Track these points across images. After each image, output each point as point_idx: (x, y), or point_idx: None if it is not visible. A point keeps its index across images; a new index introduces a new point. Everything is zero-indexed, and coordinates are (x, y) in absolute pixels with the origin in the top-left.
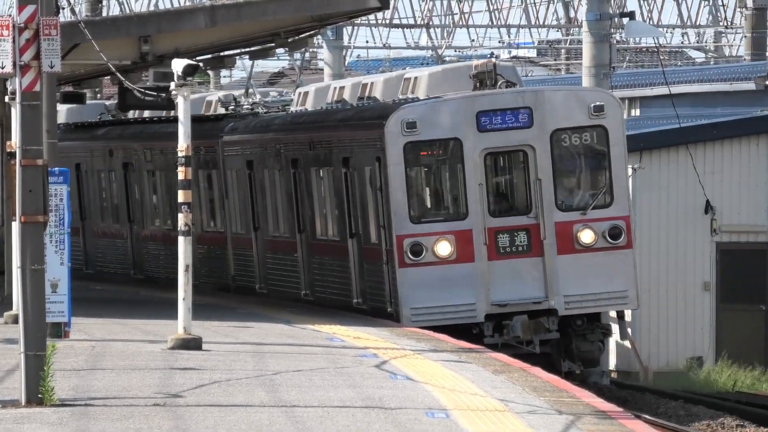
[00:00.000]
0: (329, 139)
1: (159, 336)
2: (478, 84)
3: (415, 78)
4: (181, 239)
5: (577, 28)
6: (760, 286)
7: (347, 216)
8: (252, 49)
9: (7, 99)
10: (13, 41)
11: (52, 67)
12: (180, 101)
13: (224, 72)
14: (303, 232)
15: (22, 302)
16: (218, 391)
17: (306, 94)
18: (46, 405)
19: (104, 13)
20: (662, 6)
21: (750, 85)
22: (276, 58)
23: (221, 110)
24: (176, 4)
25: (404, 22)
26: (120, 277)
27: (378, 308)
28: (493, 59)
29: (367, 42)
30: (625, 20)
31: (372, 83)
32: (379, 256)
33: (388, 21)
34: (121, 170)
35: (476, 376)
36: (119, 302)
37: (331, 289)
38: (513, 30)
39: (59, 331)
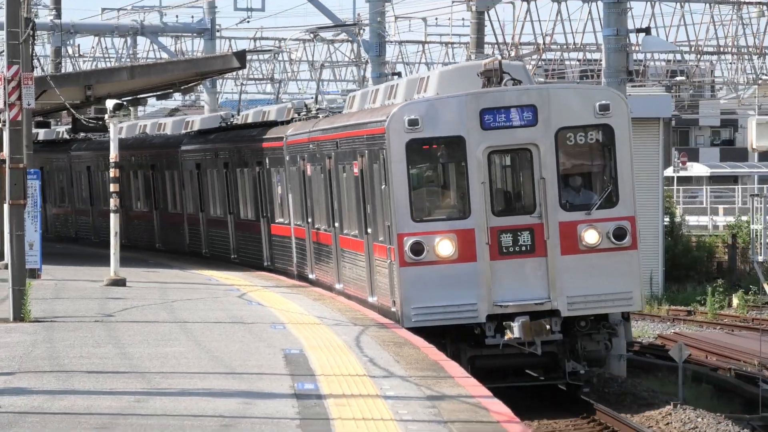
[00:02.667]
0: (349, 138)
1: (99, 277)
2: (485, 82)
3: (427, 77)
4: (112, 216)
5: (367, 83)
6: None
7: (362, 214)
8: (158, 93)
9: (0, 125)
10: (4, 88)
11: (29, 105)
12: (111, 127)
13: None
14: (337, 227)
15: (10, 255)
16: (136, 312)
17: (354, 98)
18: (26, 321)
19: (62, 70)
20: (418, 69)
21: None
22: (173, 99)
23: (294, 115)
24: (109, 65)
25: (256, 76)
26: (224, 256)
27: (386, 306)
28: (499, 57)
29: (232, 89)
30: (395, 77)
31: (396, 85)
32: (385, 254)
33: (245, 75)
34: (223, 169)
35: (302, 302)
36: (84, 256)
37: (354, 285)
38: (325, 83)
39: (34, 273)
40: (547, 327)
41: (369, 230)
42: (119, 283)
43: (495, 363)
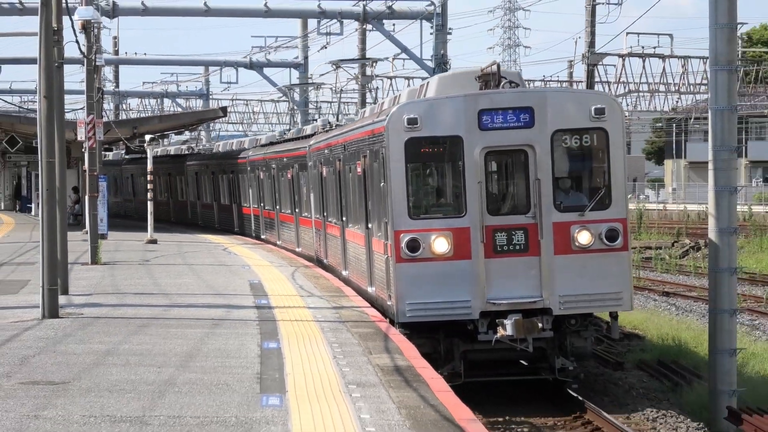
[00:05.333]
0: (355, 140)
1: (141, 238)
2: (483, 85)
3: (427, 83)
4: (149, 203)
5: (297, 125)
6: None
7: (365, 209)
8: (176, 131)
9: (83, 150)
10: (85, 128)
11: (99, 138)
12: (149, 151)
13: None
14: (344, 221)
15: (89, 225)
16: (162, 258)
17: (364, 112)
18: (98, 264)
19: (119, 117)
20: (329, 118)
21: None
22: (184, 134)
23: (320, 130)
24: (147, 115)
25: (234, 119)
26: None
27: (382, 299)
28: (498, 61)
29: (219, 128)
30: (314, 121)
31: (399, 95)
32: (383, 249)
33: (227, 119)
34: (271, 173)
35: (260, 252)
36: (132, 226)
37: (357, 274)
38: (273, 125)
39: (104, 236)
40: (539, 325)
41: (370, 225)
42: (153, 242)
43: (486, 357)
